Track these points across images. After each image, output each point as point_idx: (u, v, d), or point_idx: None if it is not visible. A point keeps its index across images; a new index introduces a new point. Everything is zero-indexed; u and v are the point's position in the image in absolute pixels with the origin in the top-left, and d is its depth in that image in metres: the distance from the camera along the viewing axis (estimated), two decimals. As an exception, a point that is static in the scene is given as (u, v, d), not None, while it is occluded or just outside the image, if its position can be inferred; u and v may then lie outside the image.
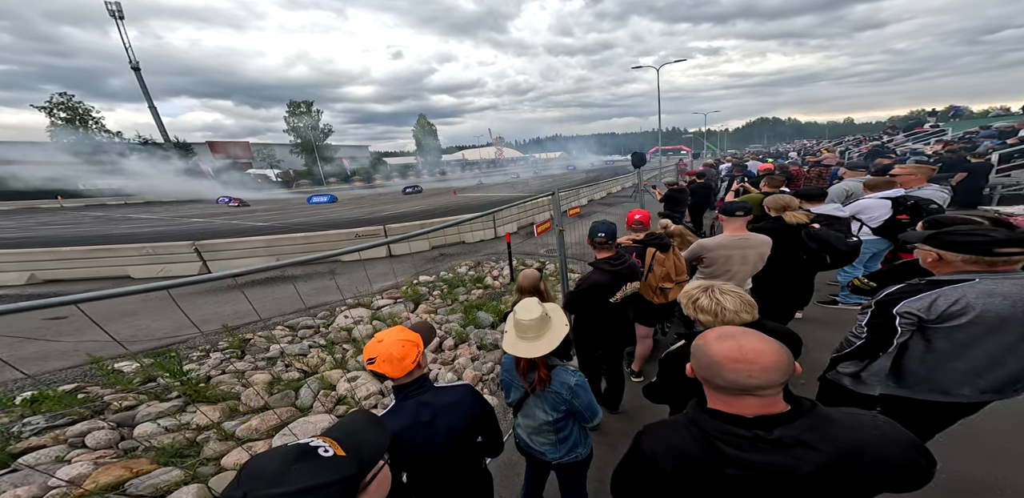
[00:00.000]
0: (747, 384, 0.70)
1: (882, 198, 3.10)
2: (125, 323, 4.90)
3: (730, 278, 2.44)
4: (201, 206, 26.83)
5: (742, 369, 0.71)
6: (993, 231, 1.26)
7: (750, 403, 0.72)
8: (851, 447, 0.68)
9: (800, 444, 0.69)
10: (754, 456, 0.69)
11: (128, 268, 7.68)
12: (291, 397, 3.01)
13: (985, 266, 1.26)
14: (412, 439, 1.10)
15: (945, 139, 11.16)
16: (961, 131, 12.22)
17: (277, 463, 0.58)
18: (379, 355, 1.08)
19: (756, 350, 0.72)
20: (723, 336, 0.77)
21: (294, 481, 0.56)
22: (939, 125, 15.10)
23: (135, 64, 38.60)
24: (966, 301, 1.23)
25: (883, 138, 15.65)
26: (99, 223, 17.72)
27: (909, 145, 11.37)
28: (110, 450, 2.29)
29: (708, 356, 0.76)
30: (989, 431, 1.91)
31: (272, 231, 11.34)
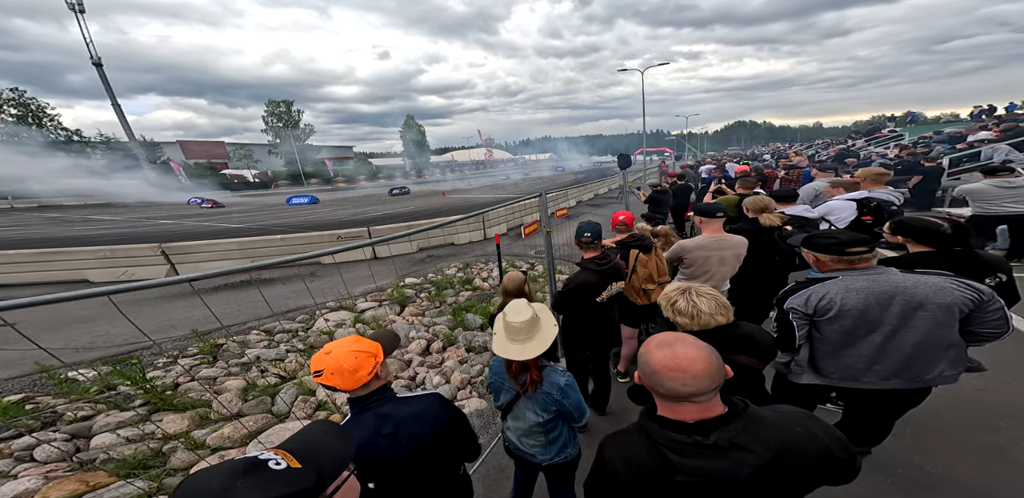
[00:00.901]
0: (682, 392, 0.72)
1: (848, 200, 3.28)
2: (82, 329, 4.54)
3: (709, 279, 2.51)
4: (170, 207, 25.46)
5: (677, 377, 0.72)
6: (842, 234, 1.46)
7: (689, 409, 0.74)
8: (781, 446, 0.71)
9: (736, 447, 0.70)
10: (697, 462, 0.71)
11: (85, 272, 7.16)
12: (267, 403, 2.87)
13: (847, 264, 1.43)
14: (372, 451, 1.05)
15: (903, 143, 12.01)
16: (916, 136, 13.15)
17: (220, 478, 0.54)
18: (327, 367, 1.00)
19: (689, 358, 0.73)
20: (661, 345, 0.78)
21: (240, 496, 0.52)
22: (897, 130, 16.22)
23: (96, 60, 36.52)
24: (830, 297, 1.40)
25: (848, 142, 16.69)
26: (53, 224, 16.50)
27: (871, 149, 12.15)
28: (63, 463, 2.09)
29: (649, 365, 0.77)
30: (948, 427, 2.03)
31: (248, 233, 10.88)
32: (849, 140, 17.45)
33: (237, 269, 1.41)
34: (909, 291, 1.34)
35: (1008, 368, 2.45)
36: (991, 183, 3.97)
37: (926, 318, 1.34)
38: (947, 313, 1.32)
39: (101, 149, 41.60)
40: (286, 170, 51.24)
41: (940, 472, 1.77)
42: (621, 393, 2.56)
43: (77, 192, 32.48)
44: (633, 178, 13.62)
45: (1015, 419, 2.04)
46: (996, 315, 1.32)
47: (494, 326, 1.40)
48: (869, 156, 9.02)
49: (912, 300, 1.33)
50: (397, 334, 1.23)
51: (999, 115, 12.96)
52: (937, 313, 1.32)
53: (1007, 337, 1.37)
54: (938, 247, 1.60)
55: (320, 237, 8.35)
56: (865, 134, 17.20)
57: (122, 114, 38.16)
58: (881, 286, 1.36)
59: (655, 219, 3.60)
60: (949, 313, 1.32)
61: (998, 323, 1.33)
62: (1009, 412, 2.09)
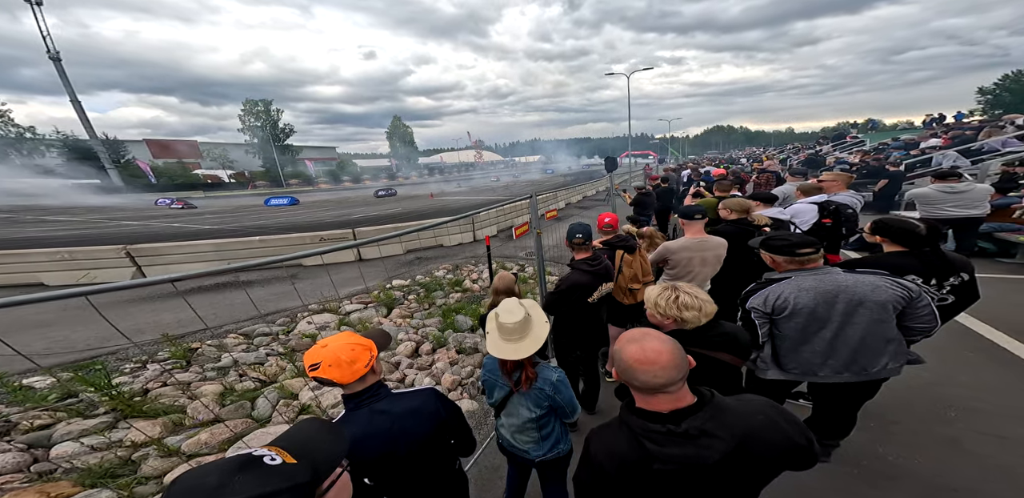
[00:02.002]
0: (654, 383, 0.75)
1: (810, 203, 3.46)
2: (36, 335, 4.21)
3: (692, 279, 2.58)
4: (136, 208, 24.05)
5: (648, 370, 0.76)
6: (792, 236, 1.57)
7: (663, 399, 0.78)
8: (744, 433, 0.75)
9: (704, 434, 0.74)
10: (671, 450, 0.74)
11: (40, 274, 6.66)
12: (246, 408, 2.74)
13: (798, 265, 1.52)
14: (368, 448, 1.04)
15: (864, 149, 12.79)
16: (876, 142, 14.04)
17: (216, 475, 0.53)
18: (324, 359, 0.99)
19: (656, 351, 0.77)
20: (631, 340, 0.82)
21: (238, 491, 0.51)
22: (859, 136, 17.22)
23: (54, 54, 34.34)
24: (785, 296, 1.50)
25: (817, 147, 17.66)
26: (3, 225, 15.25)
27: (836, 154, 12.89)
28: (19, 474, 1.92)
29: (622, 361, 0.80)
30: (907, 419, 2.16)
31: (222, 234, 10.41)
32: (818, 145, 18.44)
33: (221, 270, 1.36)
34: (850, 289, 1.43)
35: (955, 362, 2.64)
36: (936, 188, 4.16)
37: (866, 315, 1.43)
38: (883, 310, 1.42)
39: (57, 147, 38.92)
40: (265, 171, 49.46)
41: (902, 463, 1.88)
42: (609, 392, 2.60)
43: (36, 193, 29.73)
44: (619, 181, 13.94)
45: (965, 410, 2.19)
46: (925, 311, 1.43)
47: (486, 326, 1.40)
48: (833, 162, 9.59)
49: (853, 298, 1.43)
50: (388, 333, 1.21)
51: (947, 123, 14.10)
52: (875, 310, 1.42)
53: (936, 332, 1.49)
54: (911, 247, 1.70)
55: (301, 239, 8.08)
56: (832, 139, 18.20)
57: (82, 111, 35.93)
58: (827, 285, 1.46)
59: (640, 221, 3.69)
60: (885, 310, 1.42)
61: (927, 318, 1.44)
62: (959, 403, 2.25)
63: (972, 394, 2.31)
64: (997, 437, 1.96)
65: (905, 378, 1.64)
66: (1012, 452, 1.86)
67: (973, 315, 3.17)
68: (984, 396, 2.28)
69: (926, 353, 1.64)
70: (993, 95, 38.89)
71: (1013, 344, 2.79)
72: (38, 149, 38.02)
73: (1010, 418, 2.08)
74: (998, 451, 1.88)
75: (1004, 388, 2.34)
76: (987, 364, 2.61)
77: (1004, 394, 2.28)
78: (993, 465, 1.80)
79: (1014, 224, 4.66)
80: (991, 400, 2.24)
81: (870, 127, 20.72)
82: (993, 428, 2.02)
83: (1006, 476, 1.75)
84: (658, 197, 6.12)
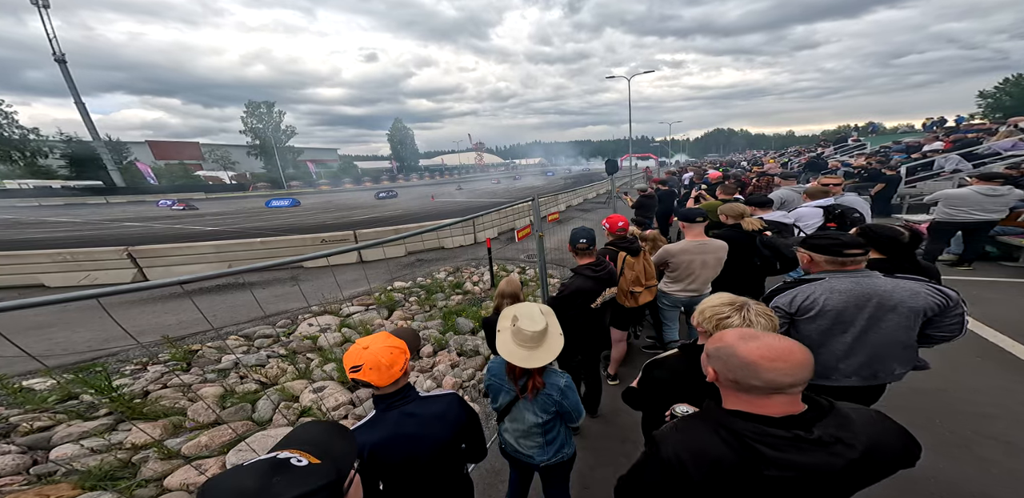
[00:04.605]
0: (783, 382, 0.72)
1: (816, 207, 3.46)
2: (38, 336, 4.20)
3: (693, 281, 2.59)
4: (138, 209, 24.12)
5: (779, 368, 0.72)
6: (843, 236, 1.51)
7: (778, 402, 0.74)
8: (870, 441, 0.74)
9: (839, 441, 0.72)
10: (795, 456, 0.71)
11: (41, 276, 6.65)
12: (247, 410, 2.72)
13: (838, 266, 1.47)
14: (394, 450, 1.04)
15: (866, 152, 12.78)
16: (878, 145, 14.01)
17: (252, 479, 0.54)
18: (366, 362, 1.01)
19: (785, 348, 0.74)
20: (747, 337, 0.79)
21: (281, 493, 0.52)
22: (860, 140, 17.19)
23: (59, 56, 34.64)
24: (814, 297, 1.46)
25: (818, 150, 17.65)
26: (5, 227, 15.28)
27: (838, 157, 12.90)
28: (19, 476, 1.90)
29: (741, 357, 0.76)
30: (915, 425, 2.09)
31: (224, 236, 10.42)
32: (819, 148, 18.44)
33: (227, 272, 1.36)
34: (887, 294, 1.39)
35: (962, 367, 2.61)
36: (977, 189, 4.05)
37: (894, 320, 1.40)
38: (915, 316, 1.39)
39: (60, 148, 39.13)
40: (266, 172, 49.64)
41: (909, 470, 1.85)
42: (610, 396, 2.59)
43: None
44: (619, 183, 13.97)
45: (973, 415, 2.16)
46: (956, 319, 1.40)
47: (498, 325, 1.38)
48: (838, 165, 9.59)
49: (887, 303, 1.39)
50: (417, 333, 1.22)
51: (949, 127, 14.10)
52: (907, 316, 1.39)
53: (958, 340, 1.46)
54: (891, 255, 1.70)
55: (303, 240, 8.08)
56: (834, 143, 18.17)
57: (86, 112, 36.19)
58: (863, 288, 1.41)
59: (644, 223, 3.69)
60: (916, 316, 1.39)
61: (953, 327, 1.41)
62: (967, 408, 2.22)
63: (980, 399, 2.29)
64: (1005, 442, 1.94)
65: (912, 383, 1.63)
66: (1021, 457, 1.84)
67: (979, 319, 3.16)
68: (992, 401, 2.26)
69: (932, 358, 1.63)
70: (994, 98, 38.95)
71: (1019, 348, 2.77)
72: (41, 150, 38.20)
73: (1019, 423, 2.06)
74: (1007, 457, 1.85)
75: (1012, 392, 2.32)
76: (994, 368, 2.59)
77: (1012, 398, 2.26)
78: (1003, 470, 1.78)
79: (1019, 228, 4.64)
80: (999, 405, 2.21)
81: (871, 130, 20.75)
82: (1002, 433, 2.00)
83: (1017, 481, 1.73)
84: (659, 200, 6.12)
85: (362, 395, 2.90)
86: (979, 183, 4.14)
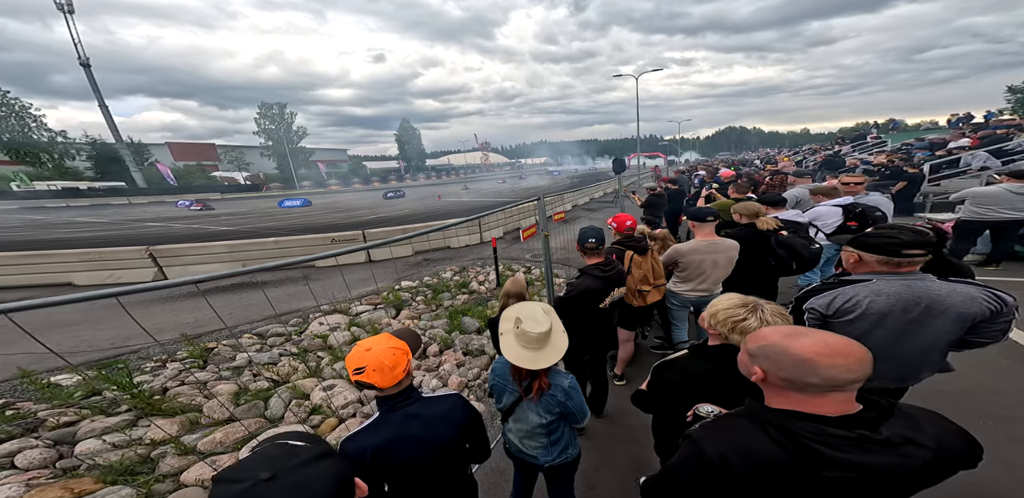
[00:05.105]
0: (844, 379, 0.70)
1: (834, 206, 3.36)
2: (65, 333, 4.40)
3: (703, 281, 2.55)
4: (159, 209, 24.96)
5: (840, 364, 0.70)
6: (903, 234, 1.35)
7: (834, 400, 0.72)
8: (940, 442, 0.71)
9: (909, 442, 0.69)
10: (860, 457, 0.68)
11: (70, 275, 6.96)
12: (260, 408, 2.80)
13: (892, 267, 1.35)
14: (398, 452, 1.05)
15: (886, 150, 12.29)
16: (899, 142, 13.47)
17: (275, 450, 0.62)
18: (369, 364, 1.01)
19: (842, 344, 0.72)
20: (794, 334, 0.77)
21: (304, 452, 0.61)
22: (880, 137, 16.57)
23: (84, 60, 35.98)
24: (857, 299, 1.37)
25: (835, 148, 17.09)
26: (37, 227, 16.03)
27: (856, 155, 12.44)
28: (46, 470, 2.01)
29: (793, 355, 0.73)
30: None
31: (238, 235, 10.70)
32: (836, 146, 17.83)
33: (237, 272, 1.39)
34: (939, 299, 1.29)
35: (988, 370, 2.52)
36: (1009, 187, 3.93)
37: (938, 326, 1.32)
38: (962, 322, 1.31)
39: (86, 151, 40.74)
40: (279, 173, 50.73)
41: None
42: (617, 396, 2.57)
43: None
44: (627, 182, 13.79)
45: (998, 419, 2.09)
46: (1002, 326, 1.31)
47: (500, 328, 1.38)
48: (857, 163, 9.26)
49: (937, 308, 1.30)
50: (418, 334, 1.23)
51: (976, 123, 13.44)
52: (955, 321, 1.30)
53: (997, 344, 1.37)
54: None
55: (313, 240, 8.24)
56: (852, 140, 17.57)
57: (109, 115, 37.54)
58: (915, 292, 1.31)
59: (654, 222, 3.64)
60: (964, 322, 1.31)
61: (997, 333, 1.32)
62: (992, 412, 2.15)
63: (1004, 401, 2.21)
64: (1032, 449, 1.86)
65: (933, 386, 1.56)
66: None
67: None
68: (1017, 403, 2.18)
69: (957, 360, 1.56)
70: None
71: (1049, 354, 2.64)
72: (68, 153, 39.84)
73: (1046, 429, 1.98)
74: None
75: (1039, 398, 2.22)
76: (1021, 371, 2.48)
77: (1039, 404, 2.16)
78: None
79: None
80: (1025, 409, 2.12)
81: (892, 127, 19.98)
82: (1028, 439, 1.92)
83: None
84: (669, 199, 6.02)
85: (370, 394, 2.95)
86: (1010, 181, 3.99)
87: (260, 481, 0.54)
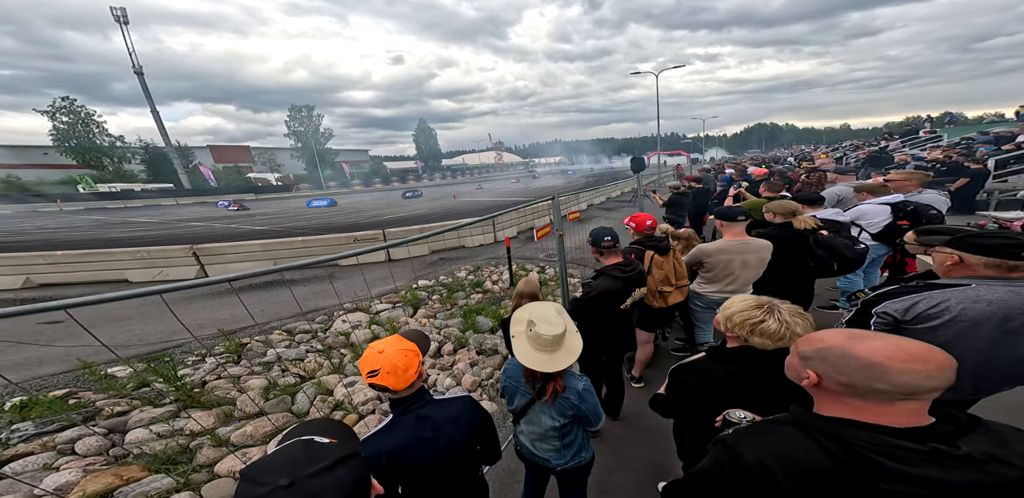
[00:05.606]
0: (923, 386, 0.64)
1: (882, 203, 3.11)
2: (119, 327, 4.84)
3: (731, 283, 2.45)
4: (201, 209, 26.82)
5: (918, 370, 0.64)
6: (1022, 236, 1.23)
7: (904, 410, 0.66)
8: None
9: (993, 459, 0.63)
10: (931, 472, 0.63)
11: (125, 272, 7.63)
12: (287, 402, 2.96)
13: (1002, 272, 1.22)
14: (412, 455, 1.07)
15: (942, 145, 11.26)
16: (957, 137, 12.37)
17: (298, 450, 0.64)
18: (383, 366, 1.01)
19: (920, 349, 0.66)
20: (863, 337, 0.71)
21: (325, 457, 0.63)
22: (936, 131, 15.21)
23: (138, 68, 38.93)
24: (947, 305, 1.23)
25: (881, 144, 15.84)
26: (97, 227, 17.67)
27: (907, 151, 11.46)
28: (100, 457, 2.23)
29: (860, 358, 0.68)
30: None
31: (270, 235, 11.32)
32: (883, 141, 16.48)
33: (268, 270, 1.47)
34: None
35: None
36: None
37: None
38: None
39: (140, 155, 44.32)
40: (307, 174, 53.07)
41: None
42: (634, 398, 2.53)
43: None
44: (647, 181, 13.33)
45: None
46: None
47: (512, 330, 1.37)
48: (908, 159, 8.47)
49: None
50: (427, 335, 1.23)
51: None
52: None
53: None
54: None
55: (338, 239, 8.58)
56: (902, 135, 16.23)
57: (160, 121, 40.58)
58: (1022, 299, 1.18)
59: (677, 222, 3.52)
60: None
61: None
62: None
63: None
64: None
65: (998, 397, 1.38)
66: None
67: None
68: None
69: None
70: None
71: None
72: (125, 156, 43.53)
73: None
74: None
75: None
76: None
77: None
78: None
79: None
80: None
81: (947, 121, 18.31)
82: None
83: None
84: (693, 198, 5.78)
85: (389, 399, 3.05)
86: None
87: (279, 487, 0.57)
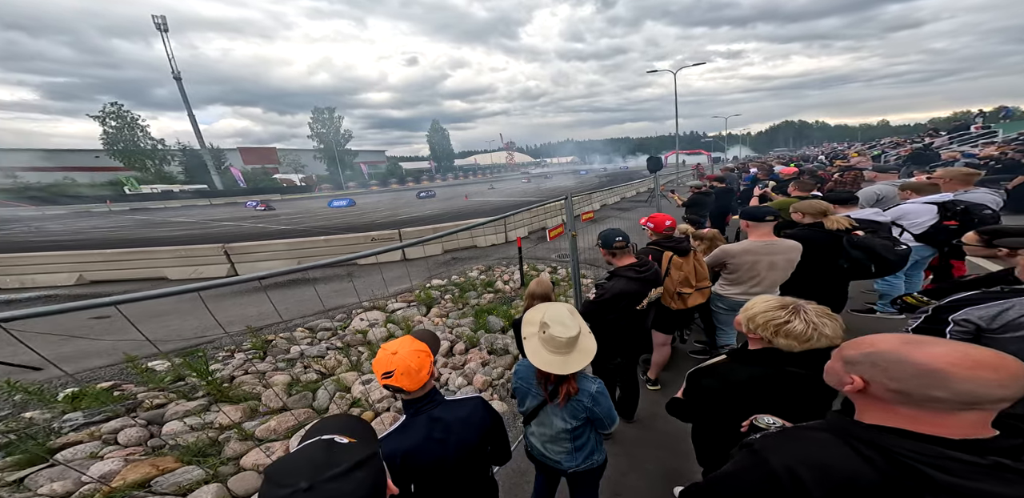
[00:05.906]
0: (992, 396, 0.60)
1: (927, 203, 2.90)
2: (159, 323, 5.18)
3: (757, 284, 2.36)
4: (231, 209, 28.25)
5: (983, 378, 0.60)
6: None
7: (965, 420, 0.62)
8: None
9: None
10: (993, 487, 0.59)
11: (165, 270, 8.15)
12: (308, 398, 3.08)
13: None
14: (423, 455, 1.08)
15: (996, 141, 10.35)
16: (1014, 132, 11.33)
17: (318, 452, 0.66)
18: (397, 368, 1.02)
19: (991, 356, 0.62)
20: (921, 342, 0.67)
21: (344, 459, 0.64)
22: (990, 126, 14.04)
23: (176, 74, 41.25)
24: None
25: (925, 141, 14.72)
26: (141, 226, 18.97)
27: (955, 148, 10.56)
28: (139, 447, 2.41)
29: (917, 364, 0.64)
30: None
31: (294, 234, 11.79)
32: (927, 138, 15.30)
33: (294, 269, 1.55)
34: None
35: None
36: None
37: None
38: None
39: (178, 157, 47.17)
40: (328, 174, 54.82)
41: None
42: (649, 401, 2.49)
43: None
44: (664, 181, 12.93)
45: None
46: None
47: (523, 331, 1.36)
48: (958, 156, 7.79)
49: None
50: (436, 335, 1.24)
51: None
52: None
53: None
54: None
55: (356, 238, 8.84)
56: (949, 131, 14.99)
57: (196, 124, 42.96)
58: None
59: (698, 222, 3.41)
60: None
61: None
62: None
63: None
64: None
65: None
66: None
67: None
68: None
69: None
70: None
71: None
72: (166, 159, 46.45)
73: None
74: None
75: None
76: None
77: None
78: None
79: None
80: None
81: (1003, 115, 16.89)
82: None
83: None
84: (715, 197, 5.57)
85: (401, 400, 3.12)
86: None
87: (299, 490, 0.59)
